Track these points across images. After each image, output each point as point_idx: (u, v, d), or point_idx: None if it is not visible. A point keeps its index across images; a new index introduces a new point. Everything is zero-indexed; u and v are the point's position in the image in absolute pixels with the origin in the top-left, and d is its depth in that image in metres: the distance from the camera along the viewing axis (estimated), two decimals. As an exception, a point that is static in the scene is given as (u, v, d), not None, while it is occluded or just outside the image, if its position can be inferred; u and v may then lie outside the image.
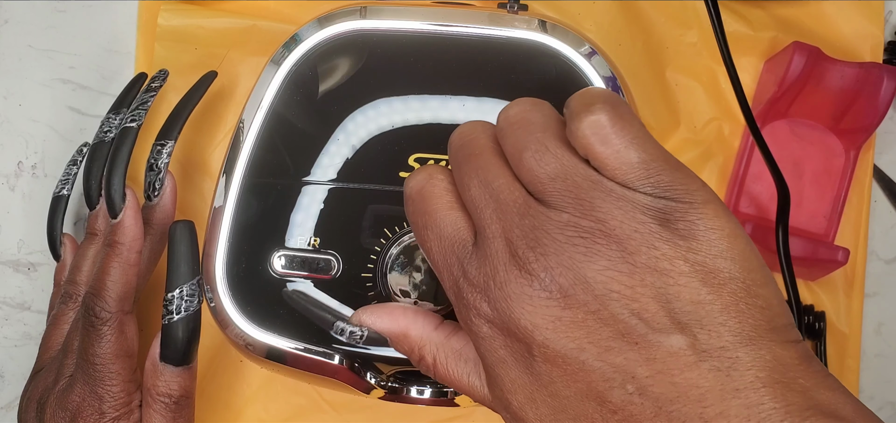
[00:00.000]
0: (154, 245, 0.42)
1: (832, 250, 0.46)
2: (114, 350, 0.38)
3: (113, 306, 0.39)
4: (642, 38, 0.50)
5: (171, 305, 0.37)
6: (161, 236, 0.42)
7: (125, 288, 0.40)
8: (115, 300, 0.39)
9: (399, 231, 0.40)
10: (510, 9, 0.43)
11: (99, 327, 0.38)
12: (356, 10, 0.42)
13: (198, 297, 0.37)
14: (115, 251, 0.40)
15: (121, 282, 0.39)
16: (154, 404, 0.38)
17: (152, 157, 0.42)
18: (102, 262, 0.40)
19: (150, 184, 0.42)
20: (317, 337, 0.40)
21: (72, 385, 0.39)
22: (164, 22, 0.49)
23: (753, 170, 0.49)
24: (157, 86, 0.45)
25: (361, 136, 0.41)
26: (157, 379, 0.38)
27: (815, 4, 0.50)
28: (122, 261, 0.40)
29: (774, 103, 0.47)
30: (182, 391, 0.38)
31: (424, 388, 0.40)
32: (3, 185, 0.51)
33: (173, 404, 0.38)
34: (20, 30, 0.51)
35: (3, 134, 0.51)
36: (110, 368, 0.38)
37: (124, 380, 0.39)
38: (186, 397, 0.39)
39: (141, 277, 0.42)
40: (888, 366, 0.50)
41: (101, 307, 0.39)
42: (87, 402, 0.38)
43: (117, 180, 0.41)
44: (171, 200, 0.43)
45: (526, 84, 0.41)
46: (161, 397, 0.38)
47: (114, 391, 0.38)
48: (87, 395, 0.38)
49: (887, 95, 0.46)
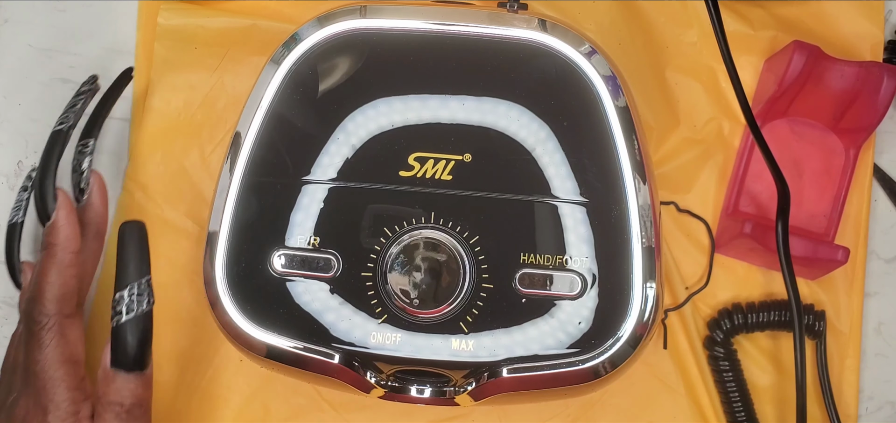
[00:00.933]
0: (91, 245, 0.42)
1: (832, 249, 0.46)
2: (55, 356, 0.37)
3: (51, 308, 0.38)
4: (642, 37, 0.50)
5: (120, 305, 0.35)
6: (96, 234, 0.42)
7: (62, 289, 0.38)
8: (53, 302, 0.38)
9: (399, 231, 0.40)
10: (510, 8, 0.43)
11: (38, 333, 0.37)
12: (356, 10, 0.42)
13: (147, 297, 0.36)
14: (50, 253, 0.39)
15: (57, 284, 0.38)
16: (105, 413, 0.36)
17: (75, 158, 0.41)
18: (38, 265, 0.39)
19: (76, 185, 0.41)
20: (317, 337, 0.40)
21: (17, 399, 0.37)
22: (164, 21, 0.49)
23: (753, 169, 0.49)
24: (86, 90, 0.45)
25: (361, 135, 0.41)
26: (108, 386, 0.36)
27: (815, 4, 0.50)
28: (58, 262, 0.38)
29: (774, 102, 0.47)
30: (134, 399, 0.36)
31: (424, 387, 0.40)
32: (3, 184, 0.51)
33: (125, 413, 0.36)
34: (20, 29, 0.51)
35: (3, 134, 0.51)
36: (52, 374, 0.37)
37: (69, 388, 0.37)
38: (139, 405, 0.37)
39: (82, 279, 0.41)
40: (888, 366, 0.50)
41: (40, 312, 0.37)
42: (31, 414, 0.37)
43: (46, 183, 0.40)
44: (99, 198, 0.42)
45: (526, 84, 0.41)
46: (112, 405, 0.36)
47: (57, 400, 0.36)
48: (31, 406, 0.37)
49: (887, 94, 0.46)
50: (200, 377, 0.49)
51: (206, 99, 0.50)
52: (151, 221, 0.49)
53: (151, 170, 0.50)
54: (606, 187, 0.40)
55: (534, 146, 0.40)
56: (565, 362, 0.39)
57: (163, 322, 0.49)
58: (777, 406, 0.48)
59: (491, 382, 0.39)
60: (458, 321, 0.40)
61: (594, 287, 0.40)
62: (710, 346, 0.48)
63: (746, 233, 0.45)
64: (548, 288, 0.40)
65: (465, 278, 0.39)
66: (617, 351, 0.39)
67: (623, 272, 0.40)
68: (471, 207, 0.40)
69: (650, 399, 0.49)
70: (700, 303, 0.49)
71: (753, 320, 0.47)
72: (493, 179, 0.40)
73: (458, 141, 0.41)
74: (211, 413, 0.49)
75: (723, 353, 0.47)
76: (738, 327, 0.47)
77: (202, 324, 0.49)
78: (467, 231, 0.40)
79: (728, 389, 0.47)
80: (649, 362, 0.49)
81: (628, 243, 0.40)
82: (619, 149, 0.40)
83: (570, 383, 0.40)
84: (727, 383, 0.47)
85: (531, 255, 0.40)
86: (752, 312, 0.47)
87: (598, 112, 0.41)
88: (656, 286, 0.40)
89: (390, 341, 0.40)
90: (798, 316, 0.44)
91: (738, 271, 0.49)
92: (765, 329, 0.48)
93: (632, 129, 0.40)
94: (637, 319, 0.39)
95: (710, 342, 0.48)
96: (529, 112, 0.41)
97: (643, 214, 0.40)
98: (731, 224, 0.48)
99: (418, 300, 0.39)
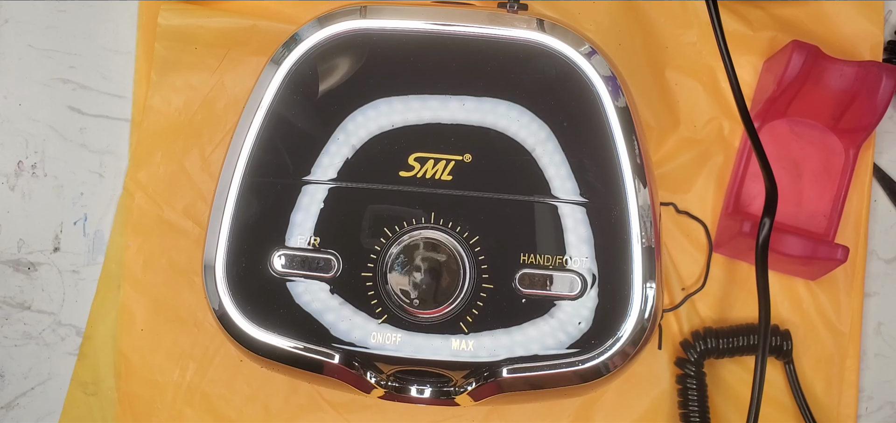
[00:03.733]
0: None
1: (832, 248, 0.46)
2: None
3: None
4: (642, 38, 0.50)
5: None
6: None
7: None
8: None
9: (399, 231, 0.40)
10: (510, 9, 0.43)
11: None
12: (356, 10, 0.42)
13: None
14: None
15: None
16: None
17: None
18: None
19: None
20: (317, 337, 0.40)
21: None
22: (164, 22, 0.49)
23: (752, 168, 0.49)
24: None
25: (361, 135, 0.41)
26: None
27: (814, 4, 0.50)
28: None
29: (774, 102, 0.47)
30: None
31: (424, 387, 0.40)
32: (3, 184, 0.51)
33: None
34: (20, 30, 0.51)
35: (3, 134, 0.51)
36: None
37: None
38: None
39: None
40: (888, 366, 0.50)
41: None
42: None
43: None
44: None
45: (526, 84, 0.41)
46: None
47: None
48: None
49: (886, 94, 0.45)
50: (200, 377, 0.49)
51: (207, 99, 0.50)
52: (151, 221, 0.49)
53: (151, 170, 0.50)
54: (606, 188, 0.40)
55: (534, 146, 0.40)
56: (565, 362, 0.39)
57: (163, 322, 0.49)
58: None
59: (491, 382, 0.39)
60: (458, 322, 0.40)
61: (594, 287, 0.40)
62: (681, 365, 0.48)
63: (745, 232, 0.45)
64: (548, 288, 0.40)
65: (465, 279, 0.39)
66: (617, 351, 0.39)
67: (623, 273, 0.40)
68: (471, 208, 0.40)
69: (649, 399, 0.49)
70: (698, 304, 0.49)
71: (724, 344, 0.47)
72: (493, 179, 0.40)
73: (458, 141, 0.41)
74: (211, 413, 0.49)
75: (694, 374, 0.47)
76: (708, 352, 0.47)
77: (202, 324, 0.49)
78: (467, 231, 0.40)
79: (690, 411, 0.47)
80: (647, 362, 0.49)
81: (628, 244, 0.40)
82: (618, 149, 0.40)
83: (570, 383, 0.40)
84: (690, 404, 0.47)
85: (531, 255, 0.40)
86: (722, 337, 0.47)
87: (598, 112, 0.41)
88: (656, 287, 0.40)
89: (390, 342, 0.40)
90: (763, 337, 0.42)
91: (736, 270, 0.49)
92: (734, 355, 0.48)
93: (632, 129, 0.40)
94: (637, 319, 0.39)
95: (682, 363, 0.48)
96: (529, 112, 0.41)
97: (643, 214, 0.40)
98: (729, 223, 0.48)
99: (418, 300, 0.39)
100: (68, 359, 0.50)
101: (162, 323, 0.49)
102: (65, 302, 0.51)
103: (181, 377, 0.49)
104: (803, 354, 0.49)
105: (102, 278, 0.50)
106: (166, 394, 0.49)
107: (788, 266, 0.48)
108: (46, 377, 0.50)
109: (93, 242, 0.51)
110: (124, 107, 0.51)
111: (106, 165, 0.51)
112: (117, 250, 0.50)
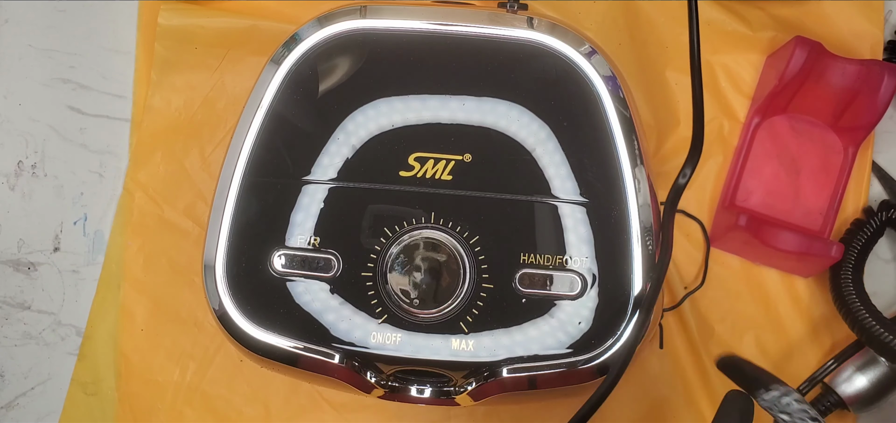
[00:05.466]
0: None
1: (826, 245, 0.46)
2: None
3: None
4: (642, 38, 0.50)
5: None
6: None
7: None
8: None
9: (399, 231, 0.40)
10: (510, 8, 0.43)
11: None
12: (356, 10, 0.42)
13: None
14: None
15: None
16: None
17: None
18: None
19: None
20: (317, 337, 0.40)
21: None
22: (164, 22, 0.49)
23: (751, 164, 0.49)
24: None
25: (361, 135, 0.41)
26: None
27: (814, 4, 0.50)
28: None
29: (775, 97, 0.47)
30: None
31: (424, 387, 0.40)
32: (3, 184, 0.51)
33: None
34: (20, 30, 0.51)
35: (3, 134, 0.51)
36: None
37: None
38: None
39: None
40: (888, 365, 0.50)
41: None
42: None
43: None
44: None
45: (526, 84, 0.41)
46: None
47: None
48: None
49: (887, 93, 0.46)
50: (200, 377, 0.49)
51: (207, 99, 0.50)
52: (151, 221, 0.49)
53: (151, 170, 0.50)
54: (606, 187, 0.40)
55: (534, 146, 0.40)
56: (565, 362, 0.39)
57: (163, 322, 0.49)
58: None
59: (491, 382, 0.39)
60: (458, 321, 0.40)
61: (594, 287, 0.40)
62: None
63: (741, 226, 0.45)
64: (548, 288, 0.40)
65: (465, 278, 0.39)
66: (617, 351, 0.39)
67: (623, 272, 0.40)
68: (471, 208, 0.40)
69: (649, 399, 0.49)
70: (698, 301, 0.49)
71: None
72: (493, 179, 0.40)
73: (458, 141, 0.41)
74: (211, 413, 0.49)
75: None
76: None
77: (202, 324, 0.49)
78: (467, 231, 0.40)
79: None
80: (647, 362, 0.49)
81: (628, 243, 0.40)
82: (618, 149, 0.40)
83: (570, 383, 0.40)
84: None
85: (531, 255, 0.40)
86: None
87: (598, 112, 0.41)
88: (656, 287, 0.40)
89: (390, 342, 0.40)
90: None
91: (734, 268, 0.49)
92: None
93: (632, 129, 0.40)
94: (637, 319, 0.39)
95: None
96: (529, 112, 0.41)
97: (643, 214, 0.40)
98: (726, 217, 0.48)
99: (418, 300, 0.39)
100: (68, 359, 0.50)
101: (162, 323, 0.49)
102: (65, 302, 0.51)
103: (181, 377, 0.49)
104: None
105: (102, 278, 0.50)
106: (166, 394, 0.49)
107: (783, 262, 0.48)
108: (46, 376, 0.50)
109: (93, 242, 0.51)
110: (124, 107, 0.51)
111: (106, 165, 0.51)
112: (117, 249, 0.50)
